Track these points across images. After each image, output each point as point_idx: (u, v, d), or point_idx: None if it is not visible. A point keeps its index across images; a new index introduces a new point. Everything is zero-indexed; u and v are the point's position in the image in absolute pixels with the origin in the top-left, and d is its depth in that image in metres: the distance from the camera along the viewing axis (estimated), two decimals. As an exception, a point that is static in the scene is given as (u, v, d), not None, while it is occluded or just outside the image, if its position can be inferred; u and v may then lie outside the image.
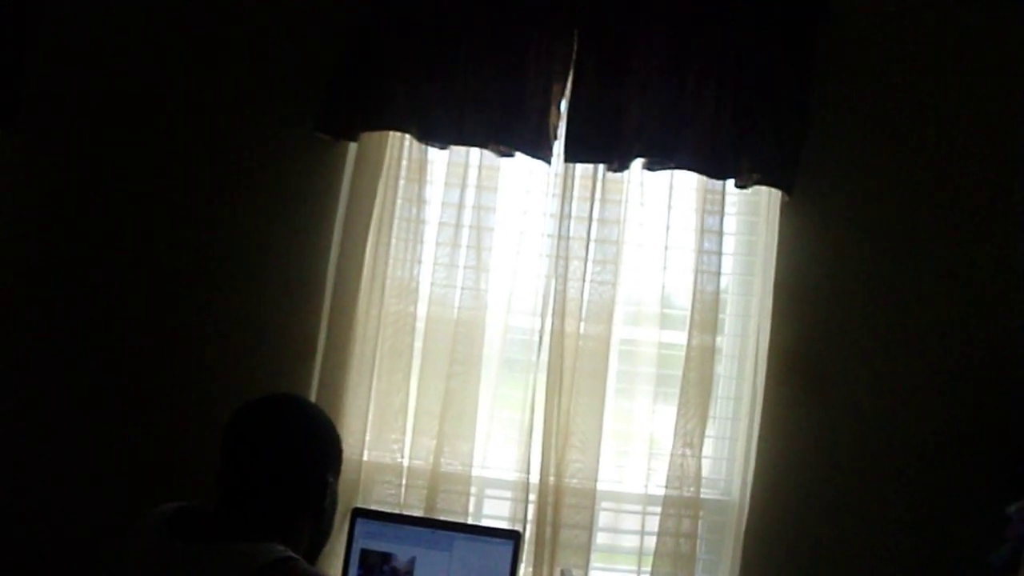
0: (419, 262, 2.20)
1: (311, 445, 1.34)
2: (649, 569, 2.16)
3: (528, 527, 2.17)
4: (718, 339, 2.20)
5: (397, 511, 2.21)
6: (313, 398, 2.20)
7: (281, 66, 2.26)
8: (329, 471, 1.35)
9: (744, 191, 2.19)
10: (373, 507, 2.20)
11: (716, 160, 2.13)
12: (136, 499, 1.53)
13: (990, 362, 2.16)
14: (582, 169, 2.19)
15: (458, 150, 2.21)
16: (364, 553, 2.12)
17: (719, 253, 2.18)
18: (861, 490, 2.16)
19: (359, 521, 2.13)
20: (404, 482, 2.21)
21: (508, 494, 2.22)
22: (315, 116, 2.20)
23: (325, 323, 2.23)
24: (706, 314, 2.16)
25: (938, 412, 2.16)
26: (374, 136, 2.20)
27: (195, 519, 1.27)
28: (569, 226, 2.16)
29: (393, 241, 2.20)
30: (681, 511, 2.16)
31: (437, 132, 2.16)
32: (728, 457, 2.26)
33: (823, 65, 2.16)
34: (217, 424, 1.39)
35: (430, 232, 2.21)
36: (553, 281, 2.17)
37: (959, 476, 2.14)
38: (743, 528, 2.18)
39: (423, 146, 2.20)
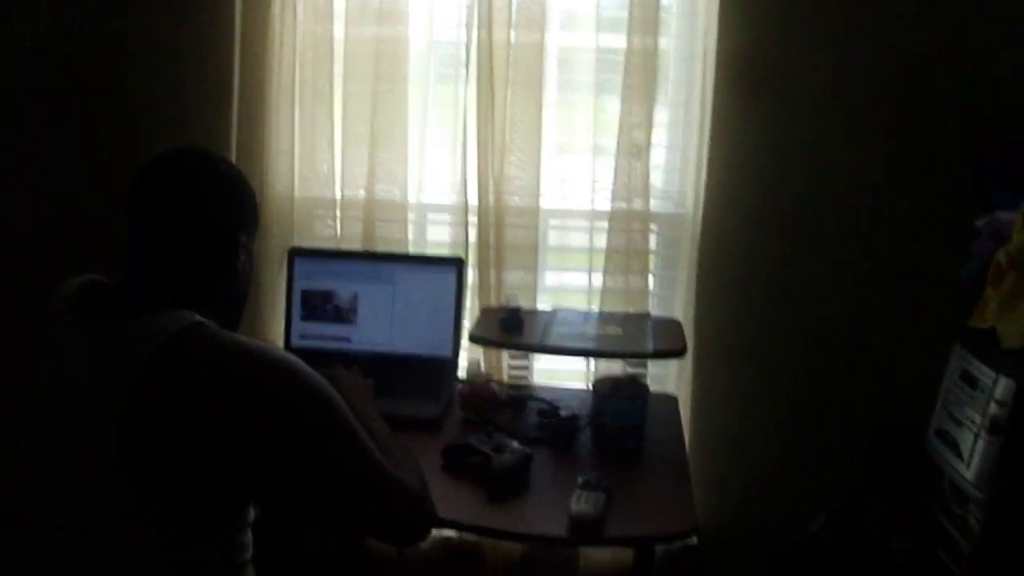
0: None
1: (217, 201, 1.33)
2: (599, 289, 2.31)
3: (471, 252, 2.32)
4: (662, 41, 2.27)
5: (334, 247, 2.35)
6: (232, 139, 2.32)
7: None
8: (241, 229, 1.36)
9: None
10: (309, 245, 2.34)
11: None
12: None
13: (957, 64, 2.21)
14: None
15: None
16: (305, 294, 2.30)
17: (658, -55, 2.21)
18: (819, 200, 2.30)
19: (297, 261, 2.30)
20: (339, 215, 2.36)
21: (448, 219, 2.36)
22: None
23: (238, 57, 2.31)
24: (647, 13, 2.22)
25: (901, 119, 2.25)
26: None
27: (100, 293, 1.29)
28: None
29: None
30: (631, 225, 2.30)
31: None
32: (680, 168, 2.37)
33: None
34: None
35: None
36: None
37: (923, 189, 2.26)
38: (695, 244, 2.33)
39: None
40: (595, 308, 2.35)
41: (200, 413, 1.13)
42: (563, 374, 2.38)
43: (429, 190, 2.41)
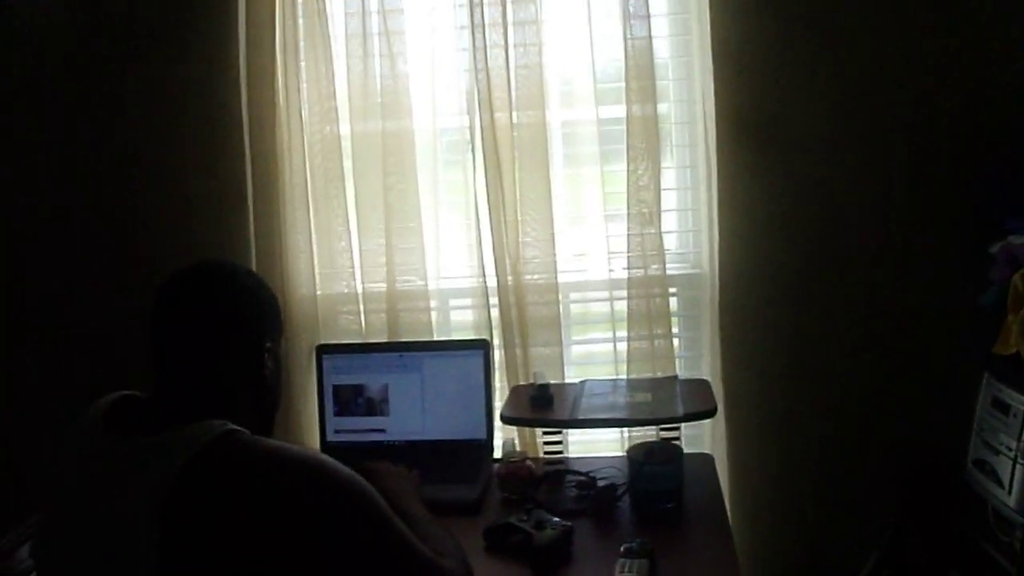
0: (332, 80, 2.33)
1: (241, 311, 1.36)
2: (625, 355, 2.34)
3: (495, 332, 2.36)
4: (662, 107, 2.34)
5: (360, 341, 2.40)
6: (251, 244, 2.40)
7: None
8: (266, 336, 1.38)
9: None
10: (336, 341, 2.39)
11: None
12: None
13: (960, 101, 2.26)
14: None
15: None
16: (336, 389, 2.34)
17: (647, 16, 2.29)
18: (832, 242, 2.35)
19: (325, 358, 2.35)
20: (362, 308, 2.41)
21: (470, 301, 2.41)
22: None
23: (249, 162, 2.39)
24: (643, 82, 2.29)
25: (903, 155, 2.31)
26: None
27: (132, 410, 1.31)
28: (483, 13, 2.29)
29: (303, 64, 2.35)
30: (651, 290, 2.33)
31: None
32: (693, 229, 2.42)
33: None
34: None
35: (338, 47, 2.35)
36: (474, 75, 2.31)
37: (935, 220, 2.30)
38: (715, 306, 2.37)
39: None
40: (623, 375, 2.37)
41: (236, 520, 1.15)
42: (598, 444, 2.40)
43: (448, 275, 2.46)
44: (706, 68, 2.33)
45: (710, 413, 2.13)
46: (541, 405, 2.17)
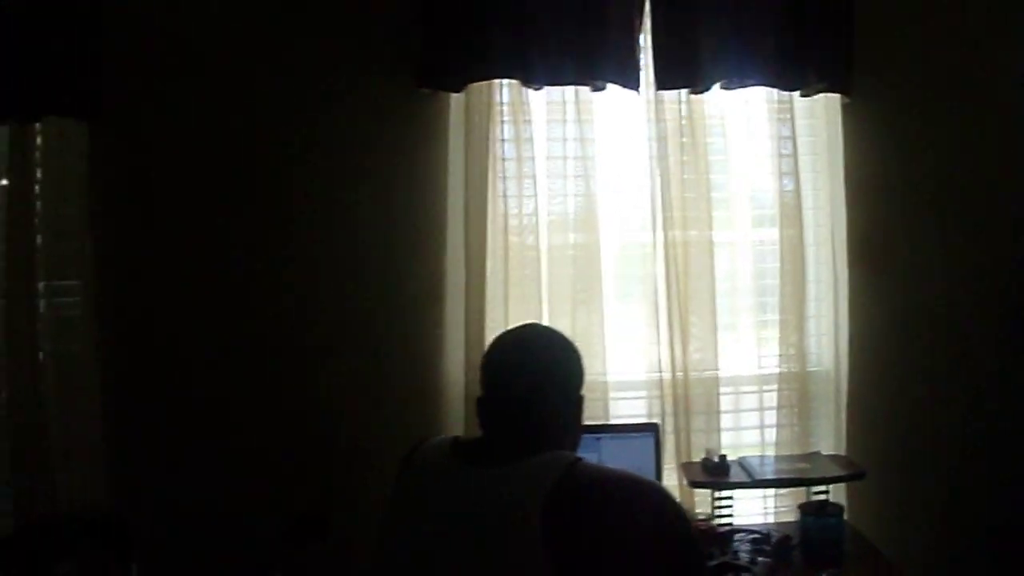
0: (533, 196, 2.76)
1: (569, 366, 1.66)
2: (774, 439, 2.85)
3: (665, 419, 2.80)
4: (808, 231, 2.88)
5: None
6: (462, 336, 2.81)
7: (370, 21, 2.78)
8: (581, 385, 1.67)
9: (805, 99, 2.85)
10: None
11: (785, 74, 2.78)
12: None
13: None
14: (668, 94, 2.78)
15: (554, 88, 2.77)
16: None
17: (793, 156, 2.83)
18: (944, 350, 2.92)
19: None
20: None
21: (638, 393, 2.86)
22: (417, 72, 2.74)
23: (449, 265, 2.81)
24: (790, 211, 2.83)
25: (998, 280, 2.92)
26: (478, 84, 2.75)
27: (477, 447, 1.59)
28: (666, 146, 2.79)
29: (508, 180, 2.77)
30: (791, 385, 2.84)
31: (537, 75, 2.72)
32: (827, 333, 2.96)
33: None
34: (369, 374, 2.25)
35: (539, 168, 2.78)
36: (653, 197, 2.82)
37: (1015, 328, 2.90)
38: (843, 396, 2.89)
39: (522, 88, 2.75)
40: (768, 454, 2.86)
41: (600, 526, 1.40)
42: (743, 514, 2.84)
43: (617, 371, 2.89)
44: (838, 199, 2.87)
45: (861, 475, 2.64)
46: (720, 473, 2.63)
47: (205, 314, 2.77)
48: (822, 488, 2.65)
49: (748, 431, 2.96)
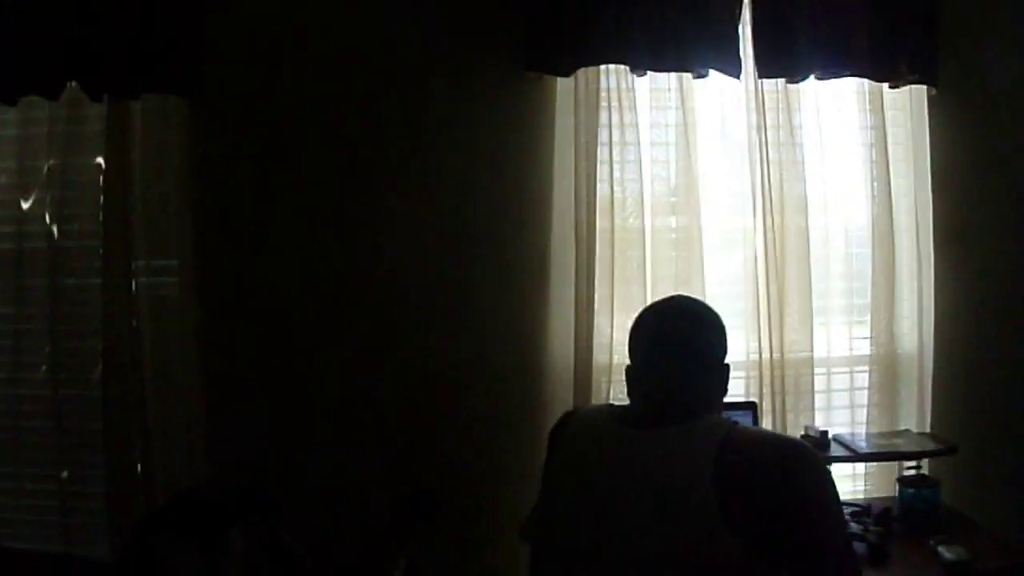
0: (638, 180, 2.86)
1: (717, 336, 1.74)
2: (864, 418, 2.97)
3: (762, 398, 2.90)
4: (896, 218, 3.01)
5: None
6: (568, 314, 2.89)
7: (477, 3, 2.87)
8: (726, 354, 1.76)
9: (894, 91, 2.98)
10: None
11: (877, 66, 2.91)
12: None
13: None
14: (766, 82, 2.90)
15: (658, 75, 2.87)
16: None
17: (883, 144, 2.96)
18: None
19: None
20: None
21: (737, 373, 2.93)
22: (526, 56, 2.84)
23: (555, 244, 2.90)
24: (882, 200, 2.95)
25: None
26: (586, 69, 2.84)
27: (636, 413, 1.68)
28: (764, 136, 2.91)
29: (614, 164, 2.85)
30: (881, 366, 2.96)
31: (641, 61, 2.83)
32: (916, 316, 3.08)
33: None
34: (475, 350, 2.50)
35: (643, 153, 2.88)
36: (753, 184, 2.93)
37: None
38: (928, 376, 3.01)
39: (627, 74, 2.85)
40: (859, 431, 2.97)
41: (766, 485, 1.49)
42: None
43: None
44: (924, 187, 3.00)
45: (954, 450, 2.76)
46: (821, 448, 2.72)
47: (304, 292, 2.84)
48: (914, 463, 2.76)
49: (839, 410, 3.06)
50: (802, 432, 2.85)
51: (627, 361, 1.75)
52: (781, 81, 2.92)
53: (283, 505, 2.20)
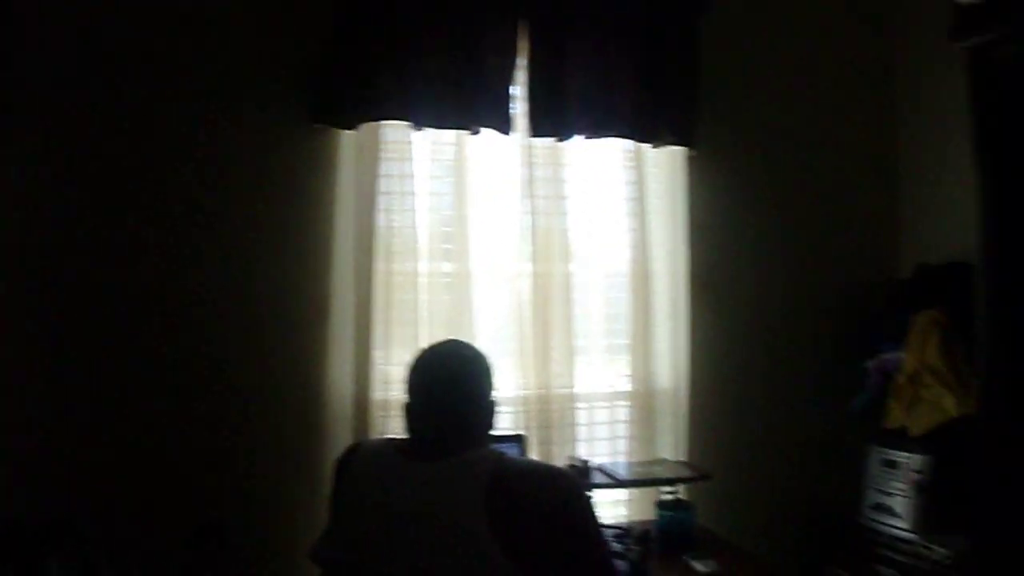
0: (413, 227, 3.09)
1: (487, 376, 1.94)
2: (625, 448, 3.29)
3: (530, 430, 3.16)
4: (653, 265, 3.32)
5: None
6: (347, 352, 3.07)
7: (267, 56, 3.04)
8: (492, 391, 1.96)
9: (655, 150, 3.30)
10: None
11: (640, 128, 3.23)
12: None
13: (845, 275, 3.57)
14: (536, 139, 3.17)
15: (433, 131, 3.12)
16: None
17: (641, 199, 3.29)
18: (768, 367, 3.45)
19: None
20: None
21: (505, 408, 3.18)
22: (313, 108, 3.03)
23: (335, 287, 3.09)
24: (639, 244, 3.28)
25: (814, 307, 3.52)
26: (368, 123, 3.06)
27: (415, 446, 1.87)
28: (533, 188, 3.19)
29: (392, 212, 3.08)
30: (638, 401, 3.26)
31: (421, 118, 3.06)
32: (666, 355, 3.39)
33: (712, 43, 3.36)
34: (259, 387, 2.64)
35: (421, 201, 3.11)
36: (524, 230, 3.20)
37: (831, 343, 3.49)
38: (684, 410, 3.35)
39: (408, 129, 3.07)
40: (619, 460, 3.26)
41: (532, 507, 1.70)
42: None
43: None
44: (679, 237, 3.34)
45: (709, 476, 3.07)
46: (583, 477, 2.98)
47: (99, 327, 2.88)
48: (671, 488, 3.05)
49: (601, 441, 3.34)
50: (566, 462, 3.11)
51: (404, 398, 1.93)
52: (552, 139, 3.19)
53: (97, 537, 2.32)
